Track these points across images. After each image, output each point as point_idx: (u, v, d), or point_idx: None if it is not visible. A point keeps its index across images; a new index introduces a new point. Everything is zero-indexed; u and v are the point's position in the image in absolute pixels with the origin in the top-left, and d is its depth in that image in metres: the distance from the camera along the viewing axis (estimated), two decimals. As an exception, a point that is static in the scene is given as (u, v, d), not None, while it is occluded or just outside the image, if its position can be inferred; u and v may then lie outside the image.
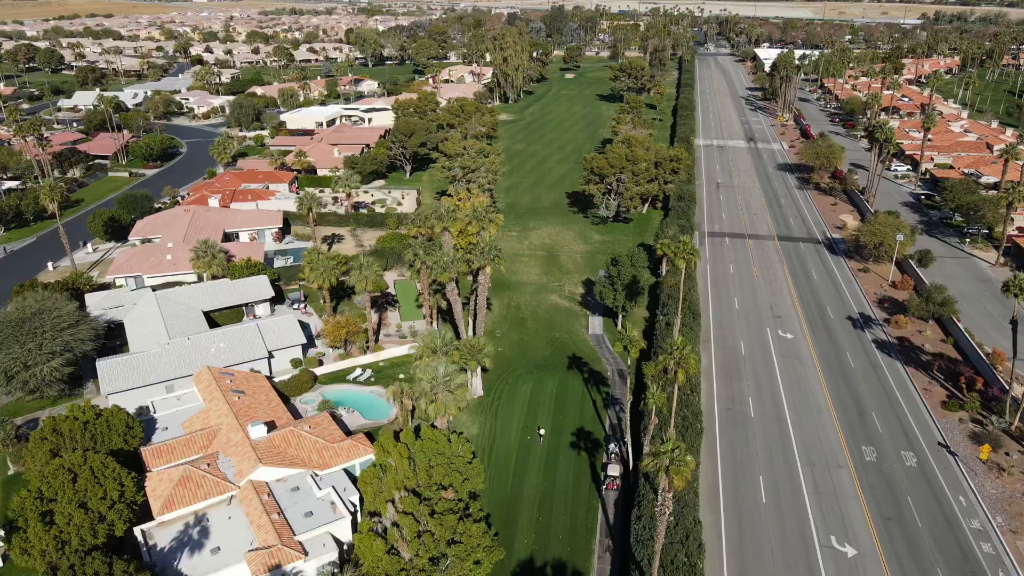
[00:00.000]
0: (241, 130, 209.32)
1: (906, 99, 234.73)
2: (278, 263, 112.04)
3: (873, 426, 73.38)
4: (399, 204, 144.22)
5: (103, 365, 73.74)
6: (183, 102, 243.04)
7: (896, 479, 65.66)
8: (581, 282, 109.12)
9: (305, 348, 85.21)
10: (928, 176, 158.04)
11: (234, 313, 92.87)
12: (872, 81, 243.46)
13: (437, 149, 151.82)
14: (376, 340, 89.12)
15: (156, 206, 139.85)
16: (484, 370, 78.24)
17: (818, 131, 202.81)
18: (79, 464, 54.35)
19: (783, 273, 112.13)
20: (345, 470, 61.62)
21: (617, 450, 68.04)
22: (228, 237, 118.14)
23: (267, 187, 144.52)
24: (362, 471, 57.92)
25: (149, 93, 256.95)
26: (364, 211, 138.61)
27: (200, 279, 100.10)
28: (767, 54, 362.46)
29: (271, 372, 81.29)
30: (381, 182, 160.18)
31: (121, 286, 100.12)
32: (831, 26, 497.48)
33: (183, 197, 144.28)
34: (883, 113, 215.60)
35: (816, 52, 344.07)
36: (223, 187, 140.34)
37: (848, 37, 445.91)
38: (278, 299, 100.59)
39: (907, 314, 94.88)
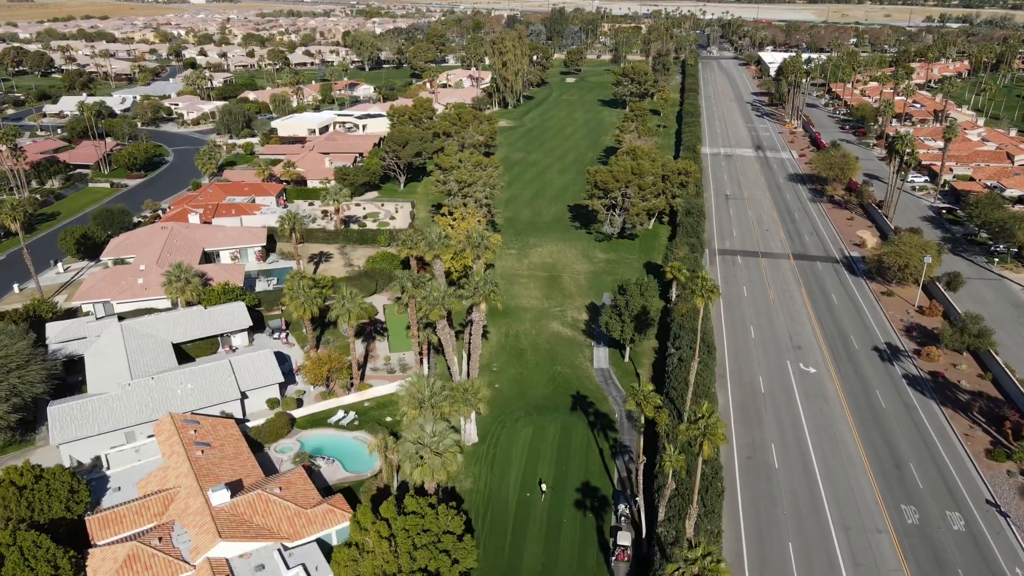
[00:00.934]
0: (231, 137, 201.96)
1: (918, 105, 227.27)
2: (260, 286, 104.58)
3: (912, 480, 65.87)
4: (392, 218, 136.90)
5: (54, 411, 66.24)
6: (172, 107, 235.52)
7: (943, 547, 58.14)
8: (585, 307, 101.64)
9: (284, 386, 77.74)
10: (947, 188, 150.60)
11: (208, 345, 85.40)
12: (883, 86, 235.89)
13: (434, 159, 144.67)
14: (362, 375, 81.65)
15: (136, 220, 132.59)
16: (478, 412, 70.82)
17: (828, 139, 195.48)
18: (7, 544, 46.95)
19: (801, 296, 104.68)
20: (319, 539, 54.20)
21: (628, 512, 60.54)
22: (208, 257, 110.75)
23: (253, 200, 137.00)
24: (336, 550, 50.35)
25: (138, 98, 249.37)
26: (355, 226, 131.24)
27: (174, 305, 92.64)
28: (771, 57, 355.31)
29: (244, 414, 73.82)
30: (374, 194, 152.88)
31: (88, 313, 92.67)
32: (835, 29, 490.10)
33: (164, 211, 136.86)
34: (895, 120, 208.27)
35: (821, 56, 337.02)
36: (206, 200, 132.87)
37: (853, 40, 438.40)
38: (258, 326, 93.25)
39: (939, 345, 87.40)
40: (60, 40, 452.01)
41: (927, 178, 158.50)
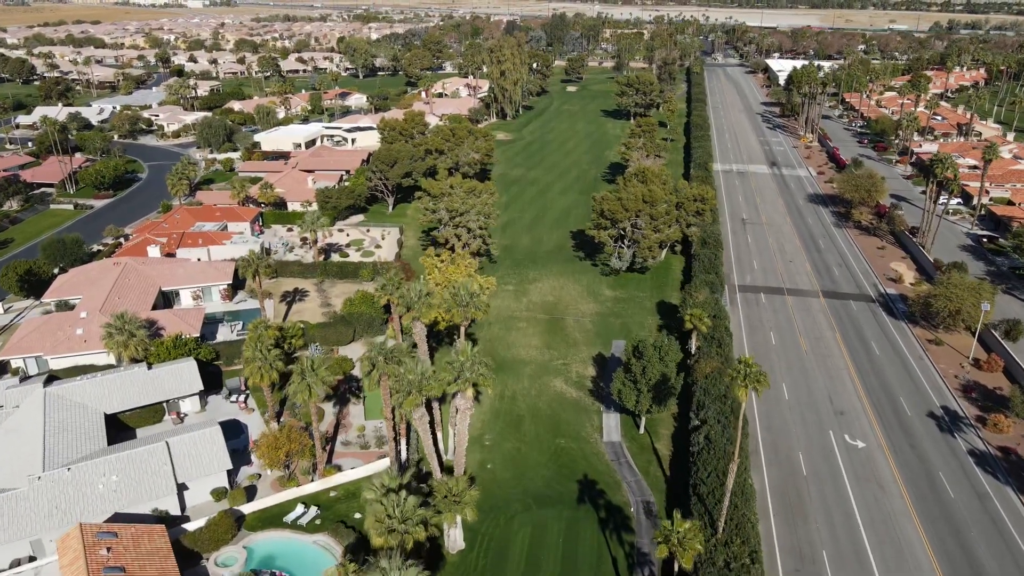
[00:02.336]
0: (211, 152, 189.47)
1: (938, 118, 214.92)
2: (222, 332, 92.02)
3: (1002, 606, 53.31)
4: (378, 246, 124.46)
5: (-60, 518, 53.68)
6: (152, 119, 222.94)
7: None
8: (591, 359, 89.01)
9: (233, 473, 65.00)
10: (984, 213, 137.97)
11: (151, 413, 72.85)
12: (902, 97, 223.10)
13: (428, 176, 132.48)
14: (330, 452, 69.09)
15: (96, 249, 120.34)
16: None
17: (847, 155, 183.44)
18: None
19: (837, 345, 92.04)
20: None
21: (652, 659, 48.01)
22: (166, 297, 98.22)
23: (225, 227, 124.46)
24: None
25: (117, 108, 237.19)
26: (336, 256, 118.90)
27: (118, 362, 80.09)
28: (779, 65, 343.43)
29: (184, 508, 61.22)
30: (360, 217, 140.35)
31: (18, 369, 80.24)
32: (842, 35, 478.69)
33: (126, 238, 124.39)
34: (917, 134, 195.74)
35: (832, 64, 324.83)
36: (171, 228, 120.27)
37: (862, 47, 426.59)
38: (215, 384, 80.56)
39: (1008, 412, 74.82)
40: (48, 46, 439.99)
41: (960, 200, 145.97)
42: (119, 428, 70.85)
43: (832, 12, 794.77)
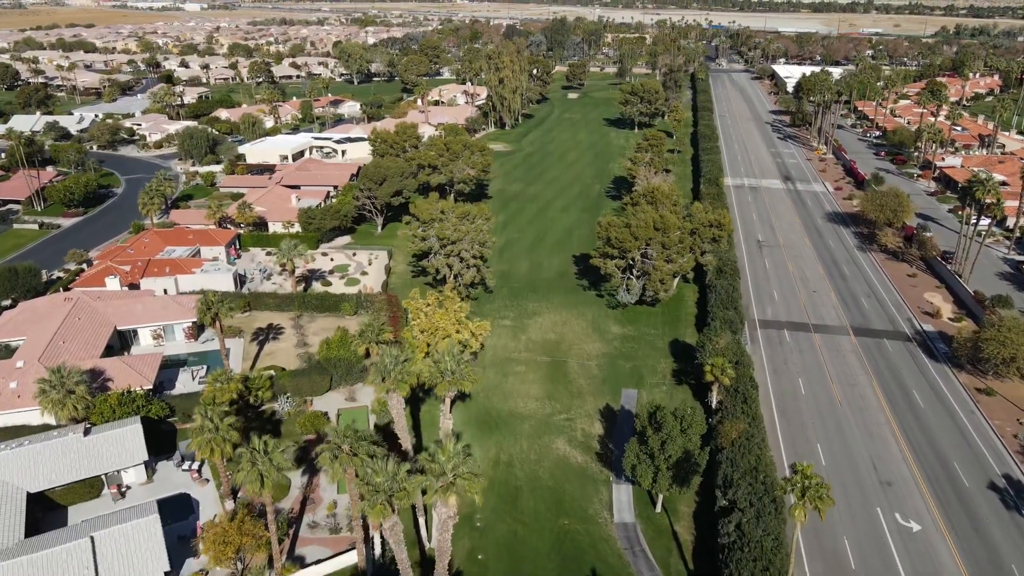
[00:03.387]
0: (193, 164, 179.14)
1: (959, 128, 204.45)
2: (182, 380, 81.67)
3: None
4: (365, 272, 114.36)
5: None
6: (135, 128, 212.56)
7: None
8: (598, 412, 78.65)
9: (175, 570, 54.62)
10: (1021, 235, 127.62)
11: (86, 487, 62.53)
12: (923, 106, 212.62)
13: (420, 193, 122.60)
14: (292, 541, 58.66)
15: (56, 276, 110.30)
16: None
17: (865, 168, 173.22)
18: None
19: (874, 395, 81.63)
20: None
21: None
22: (124, 338, 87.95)
23: (197, 252, 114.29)
24: None
25: (100, 116, 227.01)
26: (318, 284, 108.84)
27: (58, 423, 69.65)
28: (786, 71, 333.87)
29: (112, 619, 50.85)
30: (347, 239, 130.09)
31: (-58, 430, 69.76)
32: (849, 40, 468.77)
33: (89, 263, 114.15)
34: (939, 147, 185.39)
35: (838, 69, 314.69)
36: (138, 253, 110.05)
37: (870, 52, 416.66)
38: (168, 444, 70.33)
39: (1082, 486, 64.60)
40: (38, 50, 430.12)
41: (992, 219, 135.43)
42: (48, 506, 60.74)
43: (835, 16, 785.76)
